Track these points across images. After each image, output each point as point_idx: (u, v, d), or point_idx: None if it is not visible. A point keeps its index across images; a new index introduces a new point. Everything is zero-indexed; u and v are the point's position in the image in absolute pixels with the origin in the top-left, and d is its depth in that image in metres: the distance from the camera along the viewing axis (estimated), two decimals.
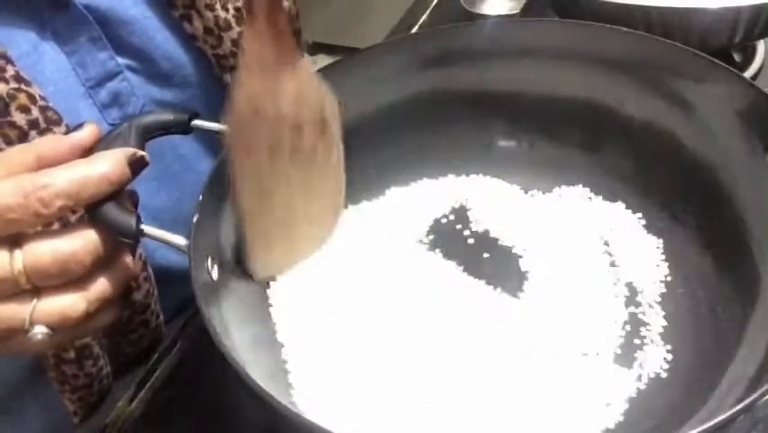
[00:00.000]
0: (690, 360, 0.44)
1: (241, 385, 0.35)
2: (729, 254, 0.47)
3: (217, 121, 0.43)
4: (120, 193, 0.39)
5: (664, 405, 0.43)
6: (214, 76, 0.55)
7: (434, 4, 0.84)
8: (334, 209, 0.50)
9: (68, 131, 0.46)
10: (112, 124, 0.52)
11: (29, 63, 0.47)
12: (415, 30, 0.81)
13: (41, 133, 0.46)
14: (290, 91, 0.43)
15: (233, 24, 0.53)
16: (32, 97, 0.45)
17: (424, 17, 0.83)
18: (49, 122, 0.46)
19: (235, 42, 0.54)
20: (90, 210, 0.39)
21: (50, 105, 0.46)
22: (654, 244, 0.50)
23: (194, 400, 0.52)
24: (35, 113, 0.45)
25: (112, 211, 0.39)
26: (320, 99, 0.45)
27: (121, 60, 0.52)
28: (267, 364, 0.43)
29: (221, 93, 0.56)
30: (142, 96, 0.53)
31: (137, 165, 0.39)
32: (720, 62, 0.47)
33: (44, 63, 0.49)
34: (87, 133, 0.39)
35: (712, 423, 0.33)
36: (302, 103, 0.44)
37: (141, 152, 0.40)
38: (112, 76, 0.52)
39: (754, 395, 0.34)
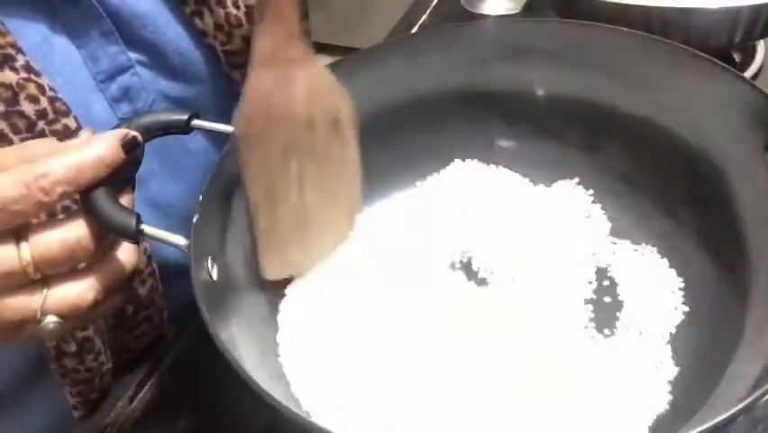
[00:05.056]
0: (689, 360, 0.44)
1: (241, 385, 0.35)
2: (728, 253, 0.47)
3: (224, 116, 0.44)
4: (115, 176, 0.39)
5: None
6: (223, 72, 0.56)
7: (433, 4, 0.84)
8: (350, 211, 0.49)
9: (78, 123, 0.46)
10: (122, 118, 0.52)
11: (39, 54, 0.47)
12: (415, 30, 0.81)
13: (50, 123, 0.46)
14: (302, 89, 0.43)
15: (244, 22, 0.54)
16: (41, 87, 0.45)
17: (424, 17, 0.83)
18: (57, 112, 0.46)
19: (246, 40, 0.54)
20: (85, 201, 0.39)
21: (59, 96, 0.46)
22: (654, 244, 0.50)
23: (194, 399, 0.52)
24: (44, 103, 0.46)
25: (111, 211, 0.39)
26: (334, 97, 0.45)
27: (132, 55, 0.52)
28: (267, 364, 0.43)
29: (229, 89, 0.56)
30: (153, 91, 0.54)
31: (130, 146, 0.39)
32: (720, 62, 0.47)
33: (55, 55, 0.49)
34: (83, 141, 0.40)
35: (712, 423, 0.33)
36: (314, 101, 0.44)
37: (132, 132, 0.40)
38: (123, 70, 0.52)
39: (755, 395, 0.34)
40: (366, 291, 0.48)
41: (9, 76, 0.44)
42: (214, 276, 0.41)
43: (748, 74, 0.66)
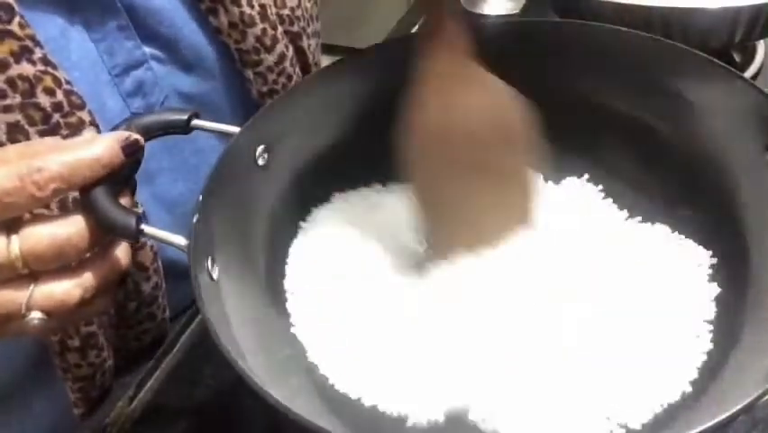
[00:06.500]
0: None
1: (241, 385, 0.35)
2: (728, 254, 0.47)
3: (235, 114, 0.44)
4: (115, 176, 0.39)
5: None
6: (235, 70, 0.56)
7: None
8: (520, 219, 0.49)
9: (92, 117, 0.47)
10: (134, 113, 0.52)
11: (56, 47, 0.47)
12: (415, 30, 0.81)
13: (65, 116, 0.46)
14: (477, 108, 0.45)
15: (258, 21, 0.54)
16: (57, 80, 0.46)
17: (424, 17, 0.83)
18: (72, 106, 0.46)
19: (258, 39, 0.55)
20: (85, 200, 0.39)
21: (75, 89, 0.47)
22: (654, 244, 0.50)
23: (194, 400, 0.52)
24: (60, 96, 0.46)
25: (110, 210, 0.39)
26: (510, 114, 0.46)
27: (147, 50, 0.53)
28: (267, 365, 0.42)
29: (241, 87, 0.57)
30: (166, 86, 0.54)
31: (130, 149, 0.40)
32: (720, 62, 0.47)
33: (71, 49, 0.49)
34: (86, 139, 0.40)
35: (712, 423, 0.33)
36: (490, 120, 0.45)
37: (134, 135, 0.40)
38: (137, 64, 0.52)
39: (754, 395, 0.34)
40: (371, 284, 0.48)
41: (27, 68, 0.45)
42: (215, 276, 0.41)
43: (748, 74, 0.66)
